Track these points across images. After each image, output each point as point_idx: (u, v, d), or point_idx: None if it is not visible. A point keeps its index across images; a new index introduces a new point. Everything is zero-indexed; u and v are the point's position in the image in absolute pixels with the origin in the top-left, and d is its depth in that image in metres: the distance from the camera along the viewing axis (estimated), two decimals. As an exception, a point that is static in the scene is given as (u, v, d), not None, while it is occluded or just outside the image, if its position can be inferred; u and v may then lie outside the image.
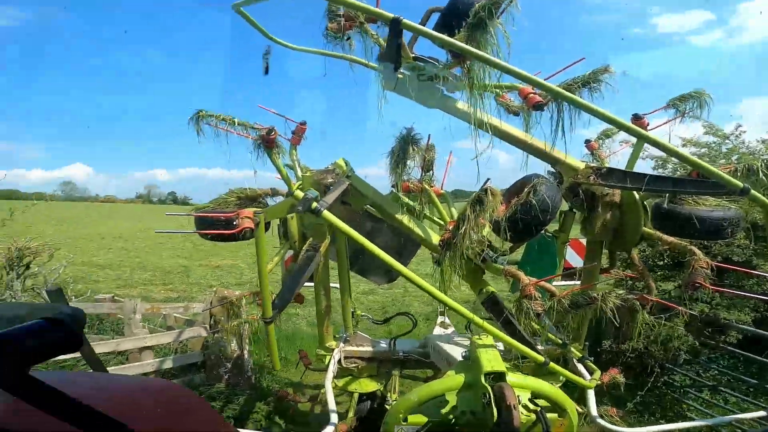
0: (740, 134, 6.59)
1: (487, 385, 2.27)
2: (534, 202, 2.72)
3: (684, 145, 6.52)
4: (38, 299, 5.70)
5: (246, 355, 5.49)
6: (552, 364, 2.69)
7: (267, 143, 3.61)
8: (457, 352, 3.30)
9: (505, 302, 2.99)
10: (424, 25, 3.26)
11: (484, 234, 2.95)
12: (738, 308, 5.35)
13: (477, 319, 2.58)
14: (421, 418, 2.47)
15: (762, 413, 3.19)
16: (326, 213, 2.37)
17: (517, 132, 3.13)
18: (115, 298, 5.88)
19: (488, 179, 2.60)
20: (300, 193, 2.39)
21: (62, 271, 6.58)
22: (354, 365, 4.10)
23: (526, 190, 2.82)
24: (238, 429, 3.11)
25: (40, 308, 0.83)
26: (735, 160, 5.95)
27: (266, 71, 3.57)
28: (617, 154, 3.93)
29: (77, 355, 2.22)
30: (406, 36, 3.26)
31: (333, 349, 4.05)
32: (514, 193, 3.00)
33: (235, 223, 2.80)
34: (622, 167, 3.47)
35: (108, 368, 4.11)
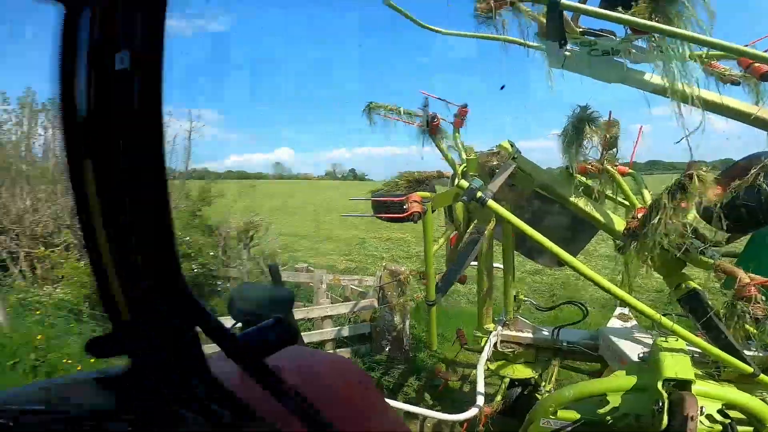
0: None
1: (663, 391, 2.03)
2: (764, 186, 2.15)
3: None
4: (258, 267, 7.18)
5: (407, 330, 5.90)
6: (763, 376, 2.23)
7: (431, 129, 3.79)
8: (634, 351, 2.94)
9: (712, 301, 2.51)
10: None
11: (689, 219, 2.49)
12: None
13: (665, 320, 2.26)
14: (574, 415, 2.36)
15: None
16: (491, 203, 2.38)
17: (739, 104, 2.52)
18: (309, 267, 7.16)
19: (694, 162, 2.16)
20: (465, 183, 2.45)
21: (274, 244, 8.22)
22: (510, 350, 4.04)
23: (753, 171, 2.26)
24: (389, 401, 3.47)
25: (270, 292, 1.10)
26: None
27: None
28: None
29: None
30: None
31: (490, 332, 4.06)
32: (735, 174, 2.44)
33: (405, 207, 3.06)
34: None
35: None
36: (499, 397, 3.86)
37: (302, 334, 6.01)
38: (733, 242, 3.08)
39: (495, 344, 4.01)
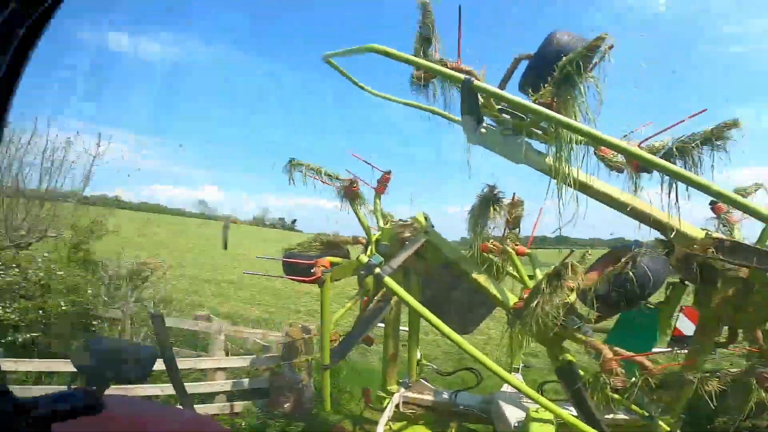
0: None
1: None
2: (631, 275, 2.42)
3: None
4: (144, 312, 6.45)
5: (308, 387, 5.66)
6: None
7: (349, 194, 3.84)
8: (515, 417, 3.02)
9: (589, 368, 2.70)
10: (511, 73, 3.19)
11: (570, 300, 2.70)
12: None
13: (531, 392, 2.39)
14: None
15: None
16: (387, 280, 2.41)
17: (615, 192, 2.84)
18: (209, 316, 6.57)
19: (572, 251, 2.40)
20: (364, 258, 2.47)
21: (168, 289, 7.46)
22: (411, 411, 4.00)
23: (623, 260, 2.53)
24: None
25: (127, 352, 1.03)
26: None
27: (225, 246, 3.82)
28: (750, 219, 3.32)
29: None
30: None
31: (393, 393, 4.00)
32: (609, 261, 2.71)
33: (312, 271, 2.99)
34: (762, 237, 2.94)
35: (187, 382, 4.57)
36: None
37: (191, 384, 5.38)
38: (602, 321, 3.42)
39: (397, 405, 3.96)
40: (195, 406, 5.17)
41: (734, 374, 2.30)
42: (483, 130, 3.01)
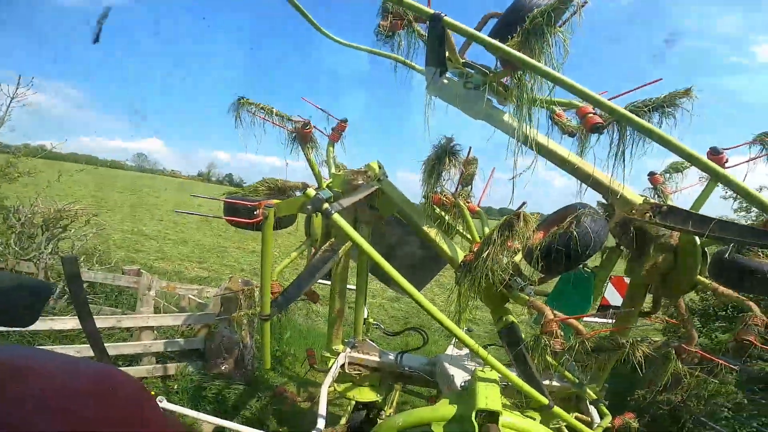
0: None
1: (476, 423, 2.09)
2: (574, 234, 2.46)
3: None
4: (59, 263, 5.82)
5: (249, 347, 5.43)
6: (556, 408, 2.47)
7: (301, 137, 3.59)
8: (460, 378, 3.09)
9: (527, 333, 2.76)
10: (479, 31, 3.07)
11: (516, 260, 2.72)
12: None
13: (481, 350, 2.39)
14: None
15: None
16: (336, 216, 2.24)
17: (566, 153, 2.85)
18: (140, 271, 6.07)
19: (524, 203, 2.38)
20: (312, 192, 2.27)
21: (89, 239, 6.79)
22: (357, 373, 3.98)
23: (568, 219, 2.57)
24: (224, 421, 3.09)
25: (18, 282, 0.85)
26: None
27: (97, 38, 3.37)
28: (685, 192, 3.53)
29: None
30: (459, 40, 3.10)
31: (339, 353, 3.96)
32: (554, 221, 2.75)
33: (255, 212, 2.76)
34: (690, 206, 3.11)
35: (108, 343, 4.26)
36: (343, 420, 3.73)
37: (114, 344, 5.06)
38: (546, 282, 3.54)
39: (342, 366, 3.91)
40: (121, 369, 4.85)
41: (655, 344, 2.40)
42: (445, 80, 2.90)
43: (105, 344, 2.63)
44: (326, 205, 2.24)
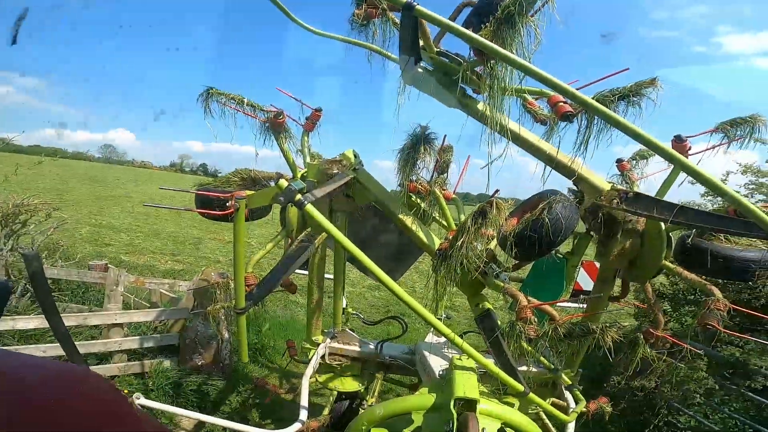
0: None
1: (454, 411, 2.11)
2: (546, 220, 2.51)
3: (743, 173, 5.98)
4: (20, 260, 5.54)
5: (226, 341, 5.34)
6: (532, 395, 2.53)
7: (274, 127, 3.52)
8: (439, 366, 3.14)
9: (506, 320, 2.81)
10: (454, 20, 3.06)
11: (491, 247, 2.76)
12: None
13: (457, 339, 2.41)
14: None
15: None
16: (309, 207, 2.21)
17: (538, 141, 2.90)
18: (108, 266, 5.83)
19: (497, 191, 2.40)
20: (284, 183, 2.23)
21: (50, 234, 6.45)
22: (338, 363, 3.99)
23: (540, 206, 2.62)
24: (205, 416, 3.05)
25: None
26: None
27: (14, 41, 3.22)
28: (651, 178, 3.65)
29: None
30: (435, 29, 3.08)
31: (319, 344, 3.95)
32: (527, 208, 2.79)
33: (228, 204, 2.70)
34: (655, 192, 3.21)
35: (76, 342, 4.10)
36: (326, 411, 3.74)
37: (82, 343, 4.86)
38: (520, 268, 3.62)
39: (323, 357, 3.90)
40: (92, 367, 4.68)
41: (625, 329, 2.45)
42: (420, 69, 2.89)
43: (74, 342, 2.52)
44: (299, 196, 2.20)
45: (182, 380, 5.04)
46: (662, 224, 2.85)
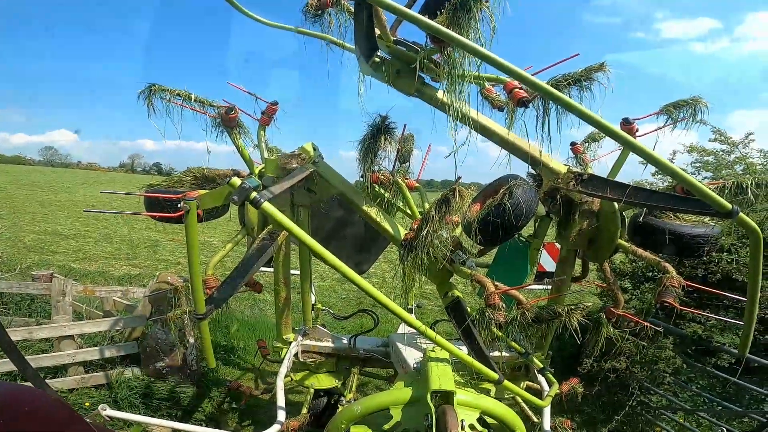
0: (749, 143, 6.07)
1: (431, 405, 2.10)
2: (508, 205, 2.53)
3: (690, 152, 6.26)
4: None
5: (192, 346, 5.13)
6: (507, 382, 2.55)
7: (227, 122, 3.35)
8: (413, 358, 3.13)
9: (477, 306, 2.83)
10: (411, 6, 3.01)
11: (456, 234, 2.77)
12: (733, 331, 5.00)
13: (429, 331, 2.40)
14: (365, 430, 2.31)
15: None
16: (266, 205, 2.11)
17: (496, 127, 2.92)
18: (53, 275, 5.43)
19: (459, 178, 2.40)
20: (237, 181, 2.11)
21: None
22: (312, 360, 3.93)
23: (501, 191, 2.64)
24: (180, 424, 2.91)
25: None
26: (740, 170, 5.73)
27: None
28: (603, 160, 3.79)
29: None
30: (390, 18, 3.01)
31: (290, 342, 3.86)
32: (489, 193, 2.81)
33: (180, 205, 2.54)
34: (607, 174, 3.33)
35: (27, 356, 3.84)
36: (304, 409, 3.67)
37: (32, 357, 4.54)
38: (485, 254, 3.67)
39: (296, 355, 3.83)
40: (48, 381, 4.36)
41: (589, 309, 2.49)
42: (377, 59, 2.82)
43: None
44: (254, 194, 2.09)
45: (149, 389, 4.82)
46: (615, 204, 2.94)
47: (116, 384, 4.75)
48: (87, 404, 4.50)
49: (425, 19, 2.11)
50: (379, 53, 2.81)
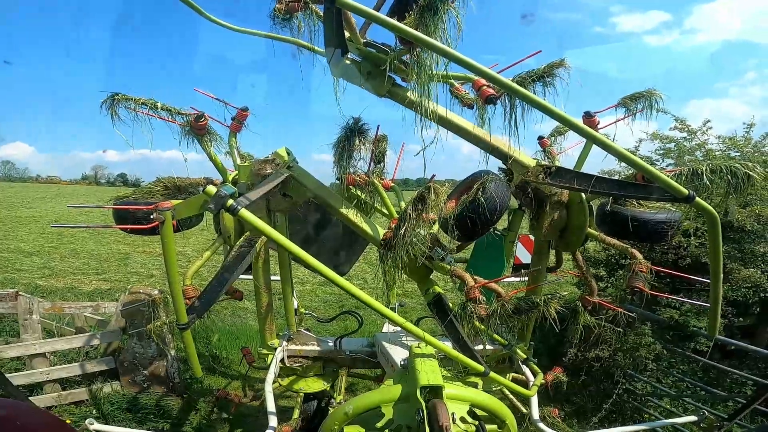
0: (707, 130, 6.30)
1: (421, 400, 2.12)
2: (482, 200, 2.60)
3: (653, 139, 6.53)
4: None
5: (171, 358, 5.03)
6: (493, 374, 2.60)
7: (196, 130, 3.29)
8: (399, 356, 3.16)
9: (458, 302, 2.88)
10: (379, 8, 3.03)
11: (434, 231, 2.82)
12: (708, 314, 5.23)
13: (413, 327, 2.41)
14: (359, 430, 2.31)
15: (694, 418, 3.28)
16: (244, 212, 2.10)
17: (466, 124, 2.98)
18: (18, 293, 5.20)
19: (433, 176, 2.45)
20: (212, 189, 2.09)
21: None
22: (298, 364, 3.91)
23: (475, 187, 2.70)
24: None
25: None
26: (701, 156, 5.98)
27: None
28: (568, 153, 3.92)
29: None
30: (360, 20, 3.03)
31: (275, 348, 3.84)
32: (463, 189, 2.87)
33: (152, 216, 2.48)
34: (577, 165, 3.46)
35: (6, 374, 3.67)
36: (296, 414, 3.64)
37: (10, 376, 4.36)
38: (462, 249, 3.74)
39: (282, 360, 3.81)
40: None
41: (565, 298, 2.57)
42: (347, 61, 2.84)
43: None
44: (231, 202, 2.07)
45: (132, 403, 4.72)
46: (582, 195, 3.06)
47: (97, 399, 4.63)
48: (68, 421, 4.36)
49: (393, 21, 2.15)
50: (349, 56, 2.83)
